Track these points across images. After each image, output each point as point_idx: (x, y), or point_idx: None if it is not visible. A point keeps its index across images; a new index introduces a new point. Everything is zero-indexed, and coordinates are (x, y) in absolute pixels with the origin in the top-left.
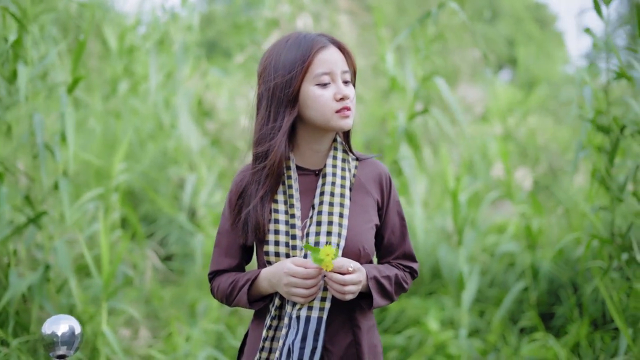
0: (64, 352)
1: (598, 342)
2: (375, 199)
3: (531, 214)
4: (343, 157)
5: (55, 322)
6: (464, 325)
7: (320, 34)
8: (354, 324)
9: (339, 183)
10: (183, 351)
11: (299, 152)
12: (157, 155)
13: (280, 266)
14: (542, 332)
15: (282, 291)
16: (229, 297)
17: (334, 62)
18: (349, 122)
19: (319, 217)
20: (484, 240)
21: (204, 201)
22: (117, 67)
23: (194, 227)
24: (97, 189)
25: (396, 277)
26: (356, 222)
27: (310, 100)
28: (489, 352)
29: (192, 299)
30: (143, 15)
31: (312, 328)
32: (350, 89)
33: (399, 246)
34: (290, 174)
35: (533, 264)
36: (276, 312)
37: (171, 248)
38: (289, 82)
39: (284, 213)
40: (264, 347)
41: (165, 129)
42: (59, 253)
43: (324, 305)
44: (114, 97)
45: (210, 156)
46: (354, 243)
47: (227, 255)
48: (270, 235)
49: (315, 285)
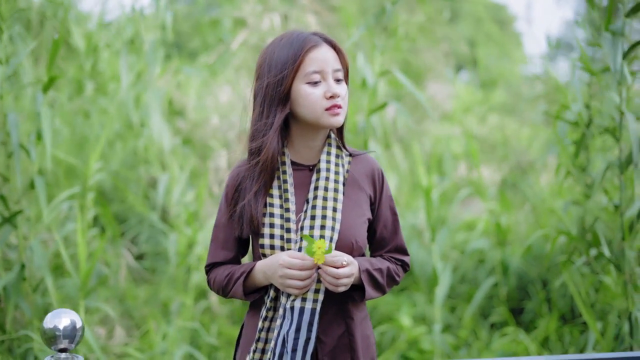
0: (65, 345)
1: (567, 336)
2: (368, 193)
3: (499, 211)
4: (337, 152)
5: (57, 316)
6: (438, 320)
7: (314, 32)
8: (347, 315)
9: (332, 178)
10: (159, 349)
11: (293, 147)
12: (127, 155)
13: (276, 258)
14: (512, 327)
15: (277, 283)
16: (225, 288)
17: (325, 61)
18: (339, 119)
19: (313, 211)
20: (454, 238)
21: (176, 200)
22: (85, 67)
23: (165, 226)
24: (73, 188)
25: (388, 269)
26: (349, 216)
27: (301, 98)
28: (460, 347)
29: (166, 297)
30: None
31: (306, 319)
32: (341, 87)
33: (391, 240)
34: (285, 169)
35: (503, 261)
36: (271, 303)
37: (141, 247)
38: (280, 81)
39: (279, 207)
40: (260, 337)
41: (135, 128)
42: (35, 252)
43: (317, 297)
44: (80, 97)
45: (182, 155)
46: (346, 237)
47: (224, 248)
48: (265, 229)
49: (310, 277)
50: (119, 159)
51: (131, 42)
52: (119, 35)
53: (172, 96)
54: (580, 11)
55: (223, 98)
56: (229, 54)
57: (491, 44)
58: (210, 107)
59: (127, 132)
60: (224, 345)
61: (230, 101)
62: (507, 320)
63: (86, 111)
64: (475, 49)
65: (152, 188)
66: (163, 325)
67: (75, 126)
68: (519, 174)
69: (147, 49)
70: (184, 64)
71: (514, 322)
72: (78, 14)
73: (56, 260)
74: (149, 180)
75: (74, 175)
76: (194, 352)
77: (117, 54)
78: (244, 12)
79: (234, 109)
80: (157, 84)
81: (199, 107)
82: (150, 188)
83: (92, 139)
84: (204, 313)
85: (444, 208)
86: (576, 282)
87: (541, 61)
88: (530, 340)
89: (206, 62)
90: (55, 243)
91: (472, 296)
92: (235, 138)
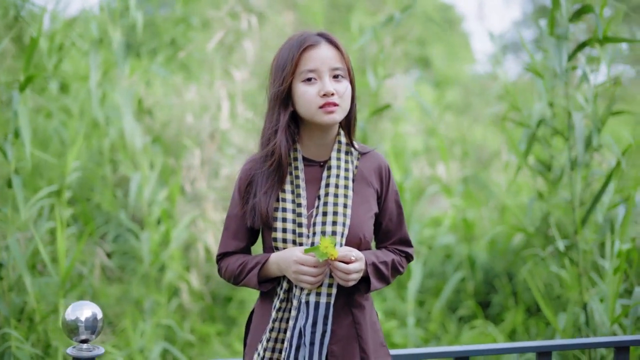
0: (87, 336)
1: (533, 328)
2: (375, 188)
3: (464, 206)
4: (346, 149)
5: (79, 308)
6: (411, 314)
7: (319, 32)
8: (353, 305)
9: (342, 175)
10: (137, 346)
11: (304, 144)
12: (93, 154)
13: (290, 253)
14: (480, 320)
15: (291, 277)
16: (238, 277)
17: (320, 60)
18: (333, 117)
19: (324, 207)
20: (422, 234)
21: (148, 198)
22: (48, 66)
23: (134, 225)
24: (47, 187)
25: (393, 262)
26: (358, 212)
27: (298, 97)
28: (429, 340)
29: (138, 295)
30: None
31: (322, 313)
32: (340, 85)
33: (396, 232)
34: (297, 164)
35: (470, 255)
36: (284, 294)
37: (109, 246)
38: (281, 81)
39: (291, 202)
40: (274, 327)
41: (101, 127)
42: (13, 251)
43: (331, 291)
44: (42, 96)
45: (152, 154)
46: (355, 232)
47: (235, 238)
48: (278, 223)
49: (322, 274)
50: (84, 158)
51: (100, 41)
52: (84, 34)
53: (141, 95)
54: (528, 12)
55: (192, 97)
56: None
57: (441, 44)
58: (180, 106)
59: (92, 132)
60: (197, 342)
61: (201, 100)
62: (475, 314)
63: (48, 111)
64: (425, 48)
65: (119, 187)
66: (140, 324)
67: (37, 125)
68: (481, 171)
69: (117, 48)
70: (151, 62)
71: (482, 315)
72: (31, 11)
73: (32, 260)
74: (116, 179)
75: (40, 174)
76: (171, 348)
77: (82, 53)
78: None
79: (207, 109)
80: (126, 83)
81: (167, 106)
82: (116, 187)
83: (56, 139)
84: (176, 311)
85: (409, 205)
86: (539, 276)
87: (490, 61)
88: (499, 332)
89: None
90: (30, 242)
91: (441, 290)
92: (208, 137)
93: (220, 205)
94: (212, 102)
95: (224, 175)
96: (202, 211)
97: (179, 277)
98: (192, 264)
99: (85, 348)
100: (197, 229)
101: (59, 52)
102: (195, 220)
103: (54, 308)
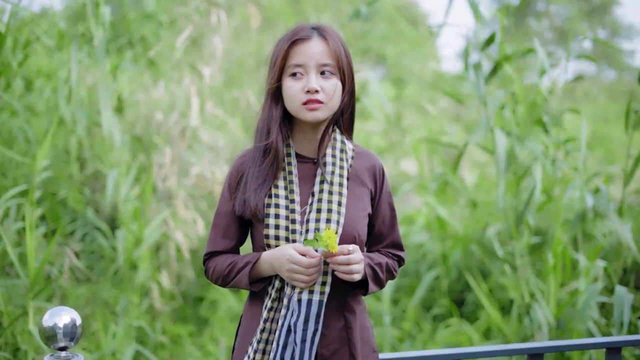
0: (65, 344)
1: (507, 327)
2: (369, 188)
3: (436, 204)
4: (341, 147)
5: (57, 314)
6: (387, 314)
7: (314, 26)
8: (346, 309)
9: (337, 172)
10: (109, 349)
11: (296, 140)
12: (59, 152)
13: (282, 251)
14: (455, 319)
15: (284, 276)
16: (226, 277)
17: (308, 55)
18: (315, 114)
19: (319, 204)
20: None
21: (123, 197)
22: (12, 63)
23: (101, 223)
24: (20, 186)
25: (387, 265)
26: (352, 210)
27: (284, 92)
28: (404, 339)
29: (108, 296)
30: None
31: (314, 311)
32: (327, 82)
33: (389, 235)
34: (290, 160)
35: (444, 253)
36: (276, 294)
37: (77, 246)
38: (273, 75)
39: (284, 198)
40: (265, 328)
41: (67, 125)
42: None
43: (324, 290)
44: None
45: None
46: (350, 230)
47: (225, 236)
48: (270, 219)
49: (317, 272)
50: (50, 156)
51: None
52: (49, 30)
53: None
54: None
55: (161, 94)
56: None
57: (403, 42)
58: (149, 103)
59: (58, 130)
60: (169, 343)
61: (170, 98)
62: (450, 312)
63: (13, 109)
64: (387, 46)
65: (86, 185)
66: (112, 325)
67: (1, 123)
68: (450, 168)
69: (97, 44)
70: (121, 59)
71: (457, 313)
72: None
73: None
74: (83, 177)
75: (3, 173)
76: (144, 350)
77: (47, 50)
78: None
79: (176, 106)
80: (106, 80)
81: (135, 103)
82: (83, 185)
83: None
84: (147, 312)
85: None
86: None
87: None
88: (474, 331)
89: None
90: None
91: (415, 289)
92: (178, 135)
93: (192, 204)
94: (181, 99)
95: (194, 174)
96: (173, 210)
97: (150, 277)
98: (162, 264)
99: (64, 356)
100: (168, 228)
101: (24, 49)
102: (166, 219)
103: (22, 311)
